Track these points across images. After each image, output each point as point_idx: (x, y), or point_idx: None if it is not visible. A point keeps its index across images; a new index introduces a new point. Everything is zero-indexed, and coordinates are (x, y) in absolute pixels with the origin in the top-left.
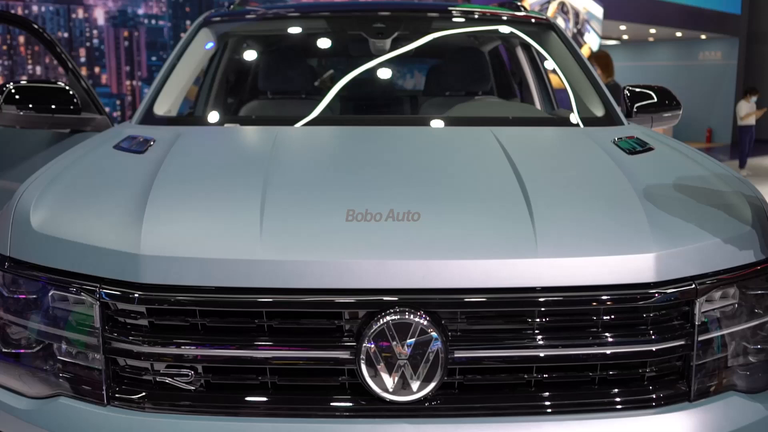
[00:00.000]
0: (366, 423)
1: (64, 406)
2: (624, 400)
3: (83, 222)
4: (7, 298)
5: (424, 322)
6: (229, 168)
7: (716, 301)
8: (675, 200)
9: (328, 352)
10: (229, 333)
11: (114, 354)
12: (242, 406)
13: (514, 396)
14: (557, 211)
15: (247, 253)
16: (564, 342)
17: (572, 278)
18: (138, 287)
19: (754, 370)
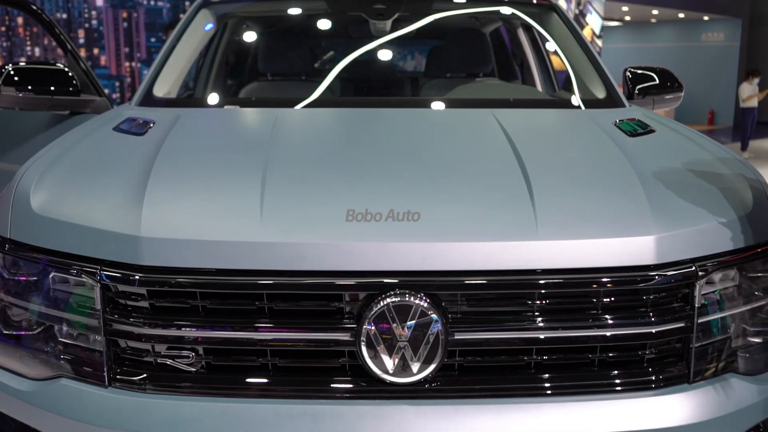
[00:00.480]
0: (366, 404)
1: (66, 387)
2: (623, 381)
3: (83, 204)
4: (7, 280)
5: (424, 304)
6: (229, 150)
7: (716, 284)
8: (676, 183)
9: (329, 334)
10: (229, 315)
11: (115, 336)
12: (243, 387)
13: (514, 378)
14: (558, 194)
15: (248, 235)
16: (564, 324)
17: (572, 260)
18: (138, 269)
19: (753, 352)
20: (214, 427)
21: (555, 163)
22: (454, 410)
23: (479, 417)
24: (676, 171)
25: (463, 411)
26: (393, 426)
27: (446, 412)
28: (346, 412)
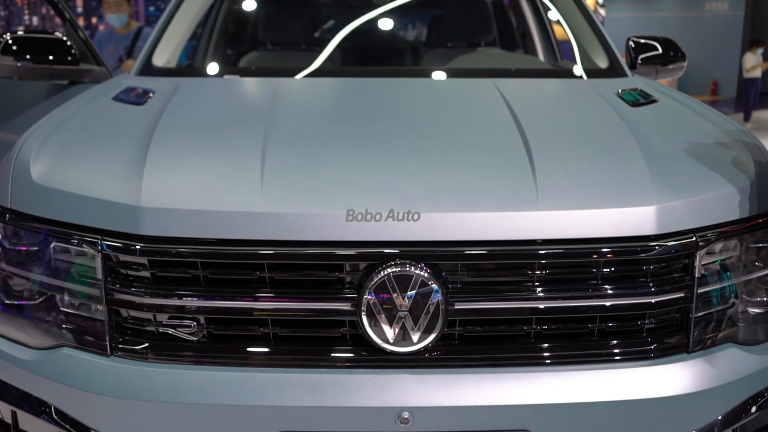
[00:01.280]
0: (367, 373)
1: (68, 356)
2: (622, 351)
3: (83, 174)
4: (8, 250)
5: (424, 274)
6: (229, 120)
7: (717, 254)
8: (677, 153)
9: (329, 304)
10: (230, 285)
11: (116, 305)
12: (244, 356)
13: (513, 347)
14: (559, 164)
15: (248, 206)
16: (564, 294)
17: (573, 230)
18: (139, 239)
19: (752, 323)
20: (216, 395)
21: (556, 133)
22: (453, 379)
23: (479, 386)
24: (678, 141)
25: (463, 380)
26: (393, 395)
27: (446, 381)
28: (347, 381)
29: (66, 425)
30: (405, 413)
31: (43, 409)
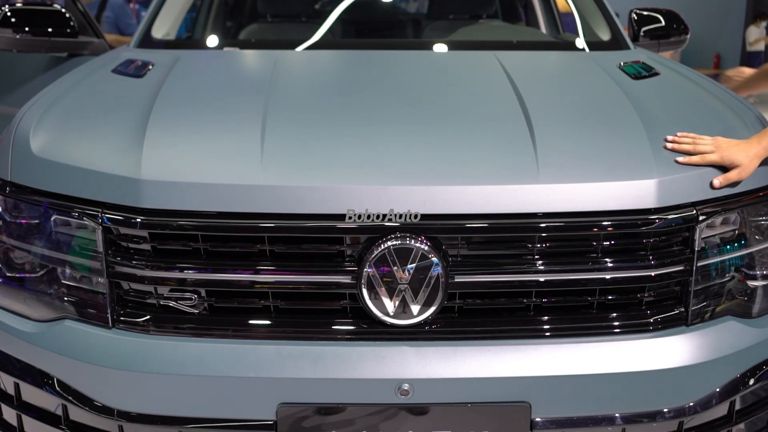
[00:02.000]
0: (367, 345)
1: (70, 328)
2: (622, 324)
3: (83, 146)
4: (9, 223)
5: (424, 248)
6: (229, 93)
7: (717, 227)
8: (679, 126)
9: (330, 277)
10: (231, 257)
11: (117, 278)
12: (245, 329)
13: (513, 320)
14: (559, 137)
15: (248, 179)
16: (564, 267)
17: (573, 204)
18: (140, 212)
19: (751, 296)
20: (217, 367)
21: (557, 106)
22: (453, 351)
23: (479, 358)
24: (680, 114)
25: (463, 352)
26: (393, 367)
27: (446, 353)
28: (347, 353)
29: (68, 397)
30: (405, 385)
31: (45, 380)
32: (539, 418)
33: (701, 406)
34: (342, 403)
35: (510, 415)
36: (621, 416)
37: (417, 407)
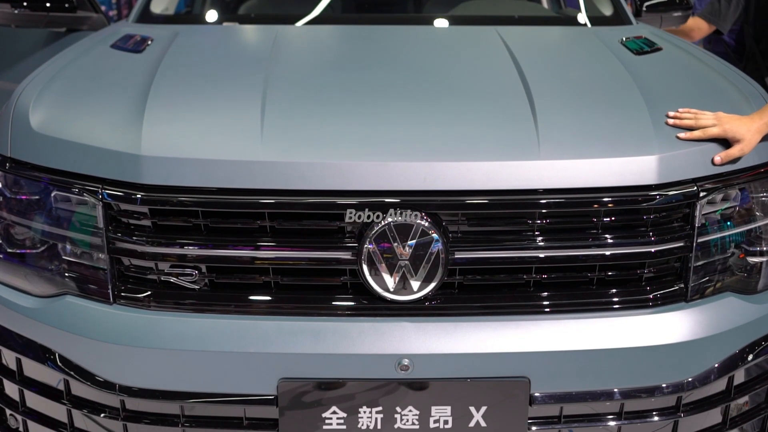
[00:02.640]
0: (367, 321)
1: (71, 304)
2: (621, 300)
3: (83, 122)
4: (9, 198)
5: (425, 224)
6: (228, 68)
7: (717, 204)
8: (680, 102)
9: (330, 253)
10: (231, 234)
11: (118, 254)
12: (246, 305)
13: (513, 296)
14: (561, 113)
15: (248, 154)
16: (564, 243)
17: (574, 180)
18: (140, 188)
19: (751, 272)
20: (218, 342)
21: (559, 81)
22: (453, 327)
23: (478, 333)
24: (681, 90)
25: (463, 328)
26: (393, 342)
27: (446, 328)
28: (348, 329)
29: (70, 372)
30: (405, 360)
31: (47, 356)
32: (538, 393)
33: (700, 381)
34: (342, 378)
35: (509, 390)
36: (620, 391)
37: (417, 382)
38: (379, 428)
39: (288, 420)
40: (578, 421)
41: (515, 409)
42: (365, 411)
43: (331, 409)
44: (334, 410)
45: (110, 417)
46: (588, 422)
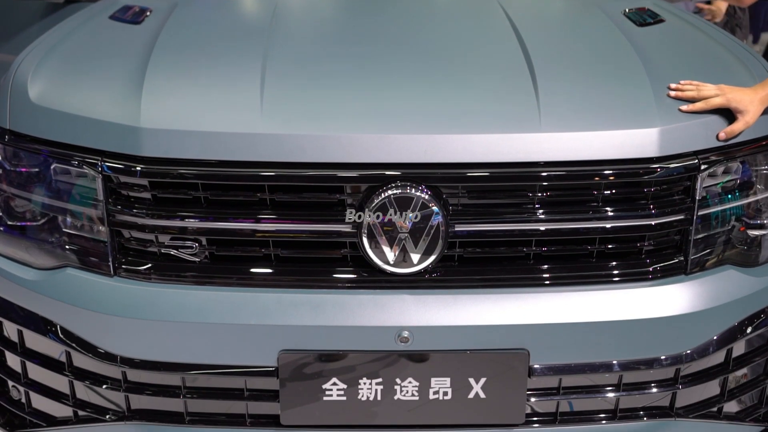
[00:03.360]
0: (367, 293)
1: (72, 276)
2: (621, 272)
3: (82, 94)
4: (9, 171)
5: (425, 196)
6: (227, 39)
7: (718, 176)
8: (683, 74)
9: (330, 226)
10: (231, 206)
11: (118, 226)
12: (246, 277)
13: (513, 268)
14: (562, 85)
15: (248, 127)
16: (564, 216)
17: (575, 152)
18: (140, 160)
19: (751, 245)
20: (218, 314)
21: (560, 53)
22: (453, 299)
23: (478, 306)
24: (684, 62)
25: (462, 300)
26: (393, 314)
27: (445, 301)
28: (347, 301)
29: (72, 343)
30: (405, 332)
31: (48, 328)
32: (537, 364)
33: (698, 353)
34: (342, 350)
35: (508, 362)
36: (618, 363)
37: (416, 354)
38: (379, 399)
39: (289, 391)
40: (577, 393)
41: (514, 381)
42: (365, 382)
43: (332, 380)
44: (335, 381)
45: (112, 388)
46: (586, 393)
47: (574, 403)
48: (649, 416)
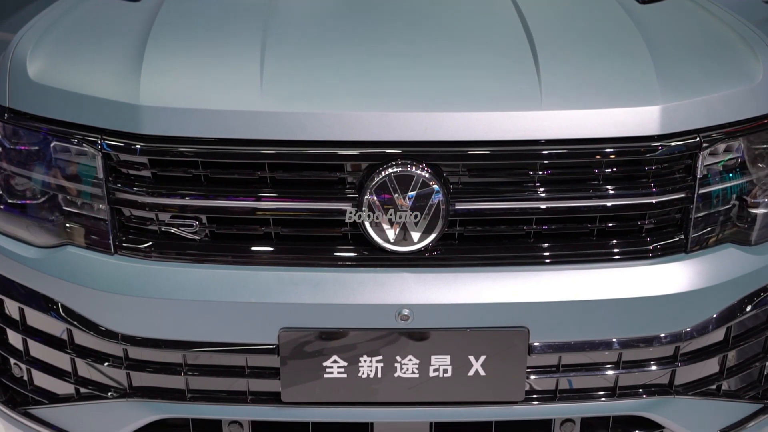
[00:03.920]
0: (367, 272)
1: (72, 254)
2: (621, 251)
3: (81, 72)
4: (9, 149)
5: (425, 175)
6: (227, 15)
7: (720, 155)
8: (685, 52)
9: (331, 204)
10: (231, 184)
11: (118, 204)
12: (246, 255)
13: (513, 247)
14: (564, 62)
15: (247, 105)
16: (565, 194)
17: (576, 131)
18: (140, 138)
19: (752, 223)
20: (219, 292)
21: (562, 30)
22: (453, 278)
23: (478, 284)
24: (687, 40)
25: (463, 278)
26: (393, 292)
27: (446, 279)
28: (348, 279)
29: (73, 321)
30: (405, 310)
31: (49, 306)
32: (537, 342)
33: (698, 331)
34: (342, 328)
35: (508, 340)
36: (618, 341)
37: (417, 332)
38: (380, 377)
39: (289, 369)
40: (576, 370)
41: (514, 359)
42: (366, 360)
43: (332, 358)
44: (335, 359)
45: (114, 366)
46: (586, 371)
47: (573, 380)
48: (648, 394)
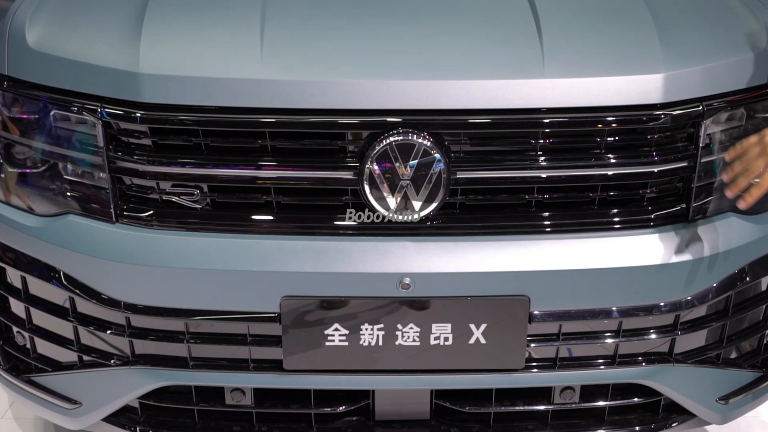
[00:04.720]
0: (369, 240)
1: (74, 223)
2: (623, 219)
3: (81, 39)
4: (8, 117)
5: (427, 143)
6: None
7: (722, 123)
8: (689, 20)
9: (332, 173)
10: (232, 153)
11: (119, 173)
12: (248, 224)
13: (514, 215)
14: (566, 30)
15: (248, 72)
16: (567, 163)
17: (578, 99)
18: (140, 106)
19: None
20: (220, 260)
21: None
22: (454, 246)
23: (479, 253)
24: (690, 8)
25: (464, 247)
26: (394, 261)
27: (447, 248)
28: (349, 248)
29: (75, 290)
30: (406, 279)
31: (51, 274)
32: (537, 311)
33: (698, 300)
34: (344, 296)
35: (509, 308)
36: (618, 310)
37: (418, 300)
38: (381, 345)
39: (291, 337)
40: (576, 339)
41: (514, 327)
42: (367, 328)
43: (334, 326)
44: (337, 327)
45: (116, 334)
46: (586, 339)
47: (573, 349)
48: (648, 362)
